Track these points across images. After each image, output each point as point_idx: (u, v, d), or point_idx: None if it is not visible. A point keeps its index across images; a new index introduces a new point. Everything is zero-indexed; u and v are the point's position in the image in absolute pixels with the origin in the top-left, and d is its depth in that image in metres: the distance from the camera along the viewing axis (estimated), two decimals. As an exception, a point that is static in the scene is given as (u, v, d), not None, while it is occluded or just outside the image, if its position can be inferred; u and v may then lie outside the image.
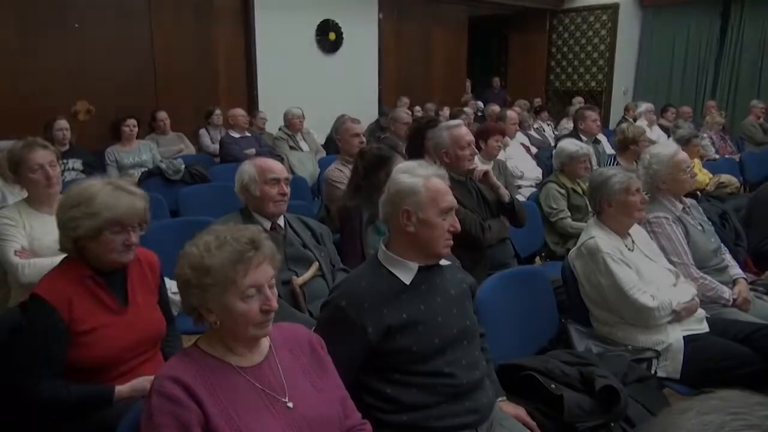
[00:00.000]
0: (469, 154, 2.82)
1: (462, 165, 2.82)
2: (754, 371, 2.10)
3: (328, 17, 7.54)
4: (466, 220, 2.67)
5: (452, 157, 2.83)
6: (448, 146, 2.83)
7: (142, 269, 1.80)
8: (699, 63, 9.31)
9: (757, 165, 5.56)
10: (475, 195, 2.92)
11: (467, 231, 2.66)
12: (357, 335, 1.56)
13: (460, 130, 2.85)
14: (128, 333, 1.68)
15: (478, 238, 2.69)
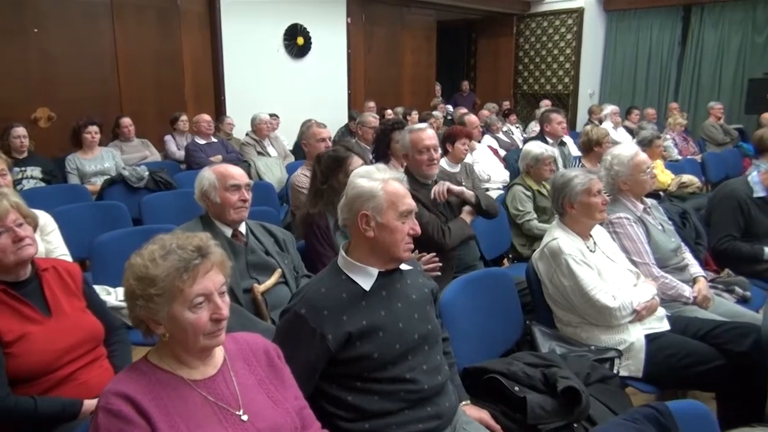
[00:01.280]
0: (426, 159, 2.78)
1: (419, 169, 2.81)
2: (714, 368, 2.13)
3: (296, 22, 7.51)
4: (429, 224, 2.66)
5: (411, 160, 2.83)
6: (408, 149, 2.83)
7: (60, 277, 1.80)
8: (662, 66, 9.52)
9: (717, 165, 5.69)
10: None
11: (430, 235, 2.65)
12: (316, 343, 1.54)
13: (419, 134, 2.81)
14: (57, 340, 1.69)
15: (440, 243, 2.68)
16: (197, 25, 6.75)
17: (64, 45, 5.67)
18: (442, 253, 2.71)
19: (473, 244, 2.93)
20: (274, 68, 7.31)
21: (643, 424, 1.28)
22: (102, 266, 2.72)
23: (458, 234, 2.74)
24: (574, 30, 9.71)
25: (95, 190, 4.31)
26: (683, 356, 2.16)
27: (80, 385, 1.71)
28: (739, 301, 2.79)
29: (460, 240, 2.72)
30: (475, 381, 1.93)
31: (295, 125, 6.28)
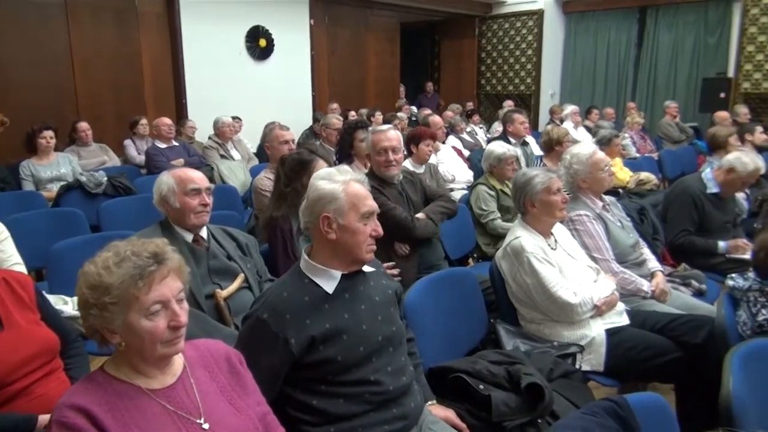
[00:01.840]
0: (383, 160, 2.81)
1: (379, 170, 2.84)
2: (671, 360, 2.19)
3: (258, 24, 7.44)
4: (396, 209, 2.69)
5: (372, 160, 2.88)
6: (371, 149, 2.87)
7: (11, 289, 1.75)
8: (619, 66, 9.76)
9: (673, 162, 5.85)
10: (404, 197, 2.92)
11: (399, 220, 2.67)
12: (279, 348, 1.52)
13: (379, 135, 2.85)
14: (10, 353, 1.64)
15: (408, 228, 2.70)
16: (156, 27, 6.63)
17: (16, 47, 5.50)
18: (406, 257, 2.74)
19: (437, 243, 2.95)
20: (236, 70, 7.23)
21: (602, 417, 1.30)
22: (58, 275, 2.64)
23: (424, 225, 2.77)
24: (534, 32, 9.88)
25: (51, 196, 4.18)
26: (642, 349, 2.21)
27: (36, 399, 1.66)
28: (695, 294, 2.87)
29: (427, 231, 2.75)
30: (440, 380, 1.93)
31: (258, 128, 6.20)
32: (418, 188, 3.05)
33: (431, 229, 2.83)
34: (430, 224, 2.83)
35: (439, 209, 2.94)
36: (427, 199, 3.03)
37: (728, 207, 3.41)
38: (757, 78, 7.97)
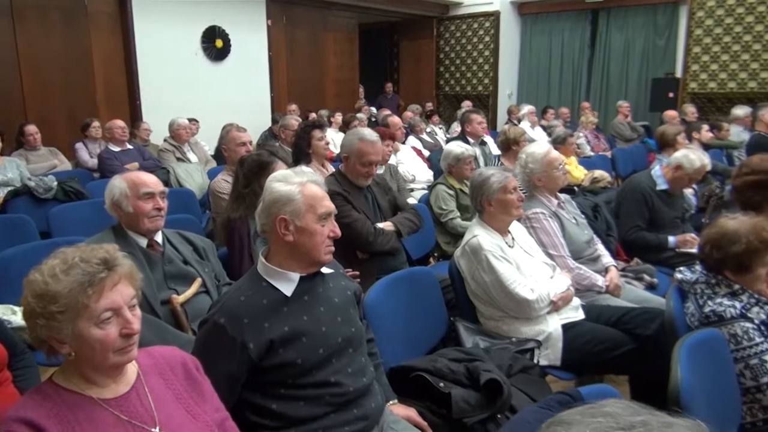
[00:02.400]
0: (365, 171, 2.79)
1: (356, 178, 2.81)
2: (625, 352, 2.26)
3: (215, 24, 7.33)
4: (358, 222, 2.68)
5: (351, 166, 2.80)
6: (352, 154, 2.78)
7: None
8: (574, 67, 10.00)
9: (626, 160, 6.03)
10: (371, 201, 2.92)
11: (358, 234, 2.66)
12: (237, 352, 1.50)
13: (368, 146, 2.75)
14: None
15: (369, 241, 2.70)
16: (108, 27, 6.45)
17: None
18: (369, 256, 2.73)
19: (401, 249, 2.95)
20: (192, 71, 7.11)
21: (557, 410, 1.32)
22: (6, 284, 2.53)
23: (386, 241, 2.75)
24: (491, 33, 10.03)
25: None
26: (597, 343, 2.27)
27: (-18, 414, 1.59)
28: (647, 287, 2.97)
29: (386, 247, 2.74)
30: (401, 380, 1.95)
31: (216, 130, 6.12)
32: (386, 193, 3.05)
33: (393, 244, 2.79)
34: (393, 238, 2.79)
35: (408, 222, 2.92)
36: (396, 207, 3.03)
37: (677, 203, 3.53)
38: (704, 78, 8.28)
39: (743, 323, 1.79)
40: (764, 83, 7.81)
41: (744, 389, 1.79)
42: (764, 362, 1.75)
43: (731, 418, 1.76)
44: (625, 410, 0.48)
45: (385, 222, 2.84)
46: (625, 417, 0.48)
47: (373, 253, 2.74)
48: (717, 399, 1.68)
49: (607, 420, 0.47)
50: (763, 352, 1.76)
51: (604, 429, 0.46)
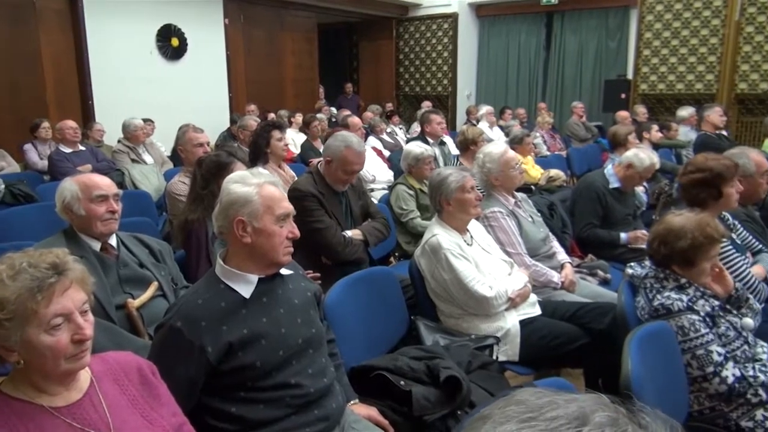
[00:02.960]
0: (345, 179, 2.78)
1: (334, 183, 2.79)
2: (580, 346, 2.33)
3: (170, 22, 7.19)
4: (329, 229, 2.66)
5: (332, 171, 2.77)
6: (336, 159, 2.74)
7: None
8: (530, 68, 10.20)
9: (580, 159, 6.19)
10: (345, 205, 2.91)
11: (329, 242, 2.65)
12: (195, 356, 1.49)
13: (353, 154, 2.71)
14: None
15: (338, 251, 2.69)
16: (58, 24, 6.26)
17: None
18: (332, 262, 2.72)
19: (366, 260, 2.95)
20: (147, 70, 6.96)
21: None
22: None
23: (354, 251, 2.75)
24: (450, 34, 10.13)
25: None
26: (553, 338, 2.33)
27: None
28: (600, 283, 3.06)
29: (354, 257, 2.74)
30: (362, 379, 1.95)
31: (172, 130, 5.96)
32: (360, 197, 3.03)
33: (359, 254, 2.78)
34: (361, 248, 2.79)
35: (376, 232, 2.92)
36: (367, 213, 3.03)
37: (629, 200, 3.65)
38: (653, 80, 8.57)
39: (690, 315, 1.87)
40: (710, 85, 8.13)
41: (691, 379, 1.87)
42: (710, 353, 1.83)
43: (679, 407, 1.84)
44: (533, 395, 0.51)
45: (354, 230, 2.84)
46: (533, 401, 0.51)
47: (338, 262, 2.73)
48: (666, 389, 1.75)
49: (518, 407, 0.50)
50: (708, 343, 1.84)
51: (515, 415, 0.49)
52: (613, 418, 0.49)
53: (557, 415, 0.48)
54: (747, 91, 7.87)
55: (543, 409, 0.50)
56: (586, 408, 0.49)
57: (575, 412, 0.49)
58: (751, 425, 1.83)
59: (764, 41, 7.64)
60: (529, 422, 0.48)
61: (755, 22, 7.67)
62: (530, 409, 0.50)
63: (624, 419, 0.49)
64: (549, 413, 0.49)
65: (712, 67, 8.08)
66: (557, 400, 0.50)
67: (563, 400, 0.50)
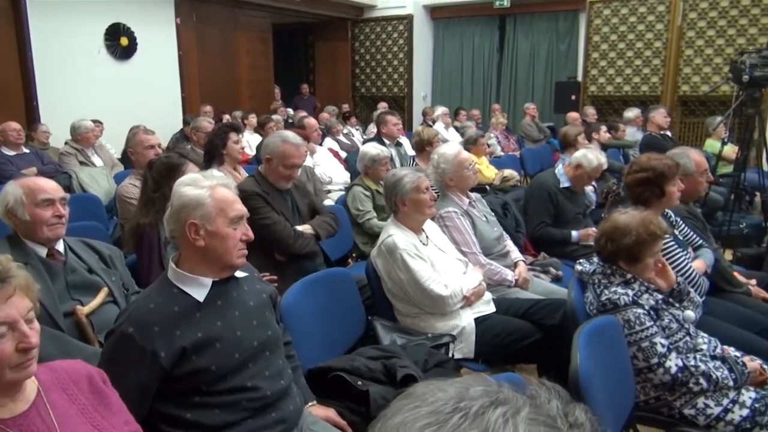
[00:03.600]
0: (287, 174, 2.79)
1: (278, 180, 2.79)
2: (533, 342, 2.39)
3: (119, 21, 7.00)
4: (278, 224, 2.66)
5: (273, 168, 2.77)
6: (275, 156, 2.75)
7: None
8: (484, 70, 10.37)
9: (533, 160, 6.34)
10: (291, 203, 2.90)
11: (278, 235, 2.65)
12: (147, 362, 1.46)
13: (293, 149, 2.75)
14: None
15: (289, 244, 2.69)
16: (-2, 22, 6.01)
17: None
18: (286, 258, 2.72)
19: (318, 251, 2.95)
20: (95, 70, 6.76)
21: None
22: None
23: (305, 244, 2.75)
24: (405, 36, 10.20)
25: None
26: (507, 334, 2.39)
27: None
28: (553, 280, 3.14)
29: (305, 250, 2.74)
30: (320, 381, 1.96)
31: (123, 132, 5.82)
32: (305, 196, 3.04)
33: (311, 247, 2.80)
34: (312, 241, 2.81)
35: (326, 225, 2.93)
36: (314, 210, 3.03)
37: (579, 199, 3.76)
38: (602, 82, 8.84)
39: (635, 309, 1.95)
40: (655, 87, 8.44)
41: (637, 370, 1.95)
42: (654, 344, 1.91)
43: (626, 397, 1.91)
44: (420, 387, 0.55)
45: (304, 225, 2.84)
46: (419, 392, 0.54)
47: (291, 256, 2.73)
48: (613, 380, 1.82)
49: (407, 400, 0.53)
50: (653, 335, 1.92)
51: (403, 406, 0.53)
52: (488, 390, 0.52)
53: (439, 398, 0.52)
54: (689, 93, 8.21)
55: (426, 395, 0.53)
56: (465, 385, 0.53)
57: (454, 391, 0.52)
58: (693, 413, 1.92)
59: (704, 45, 7.99)
60: (415, 410, 0.51)
61: (696, 27, 8.01)
62: (416, 398, 0.53)
63: (498, 387, 0.53)
64: (431, 397, 0.52)
65: (656, 70, 8.40)
66: (441, 386, 0.54)
67: (447, 385, 0.53)
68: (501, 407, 0.50)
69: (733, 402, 1.90)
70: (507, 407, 0.50)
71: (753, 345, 2.24)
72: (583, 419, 0.52)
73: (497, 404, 0.50)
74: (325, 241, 3.08)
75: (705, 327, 2.21)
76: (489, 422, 0.49)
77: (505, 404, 0.50)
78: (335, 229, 2.98)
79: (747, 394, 1.92)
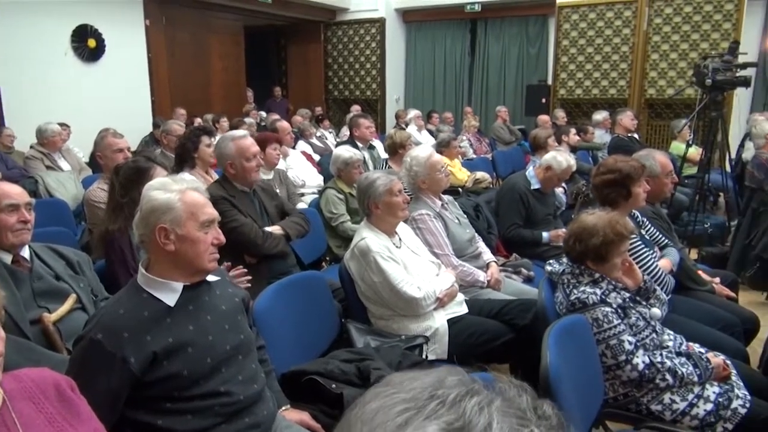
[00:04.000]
0: (255, 165, 2.81)
1: (248, 177, 2.79)
2: (506, 342, 2.42)
3: (86, 22, 6.88)
4: (246, 226, 2.65)
5: (238, 168, 2.78)
6: (234, 157, 2.78)
7: None
8: (456, 73, 10.46)
9: (505, 162, 6.41)
10: (258, 206, 2.90)
11: (246, 238, 2.64)
12: (117, 368, 1.44)
13: (245, 141, 2.83)
14: None
15: (258, 244, 2.68)
16: (-40, 23, 5.85)
17: None
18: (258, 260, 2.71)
19: (289, 252, 2.95)
20: (62, 73, 6.63)
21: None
22: None
23: (274, 244, 2.75)
24: (377, 39, 10.23)
25: None
26: (480, 335, 2.41)
27: None
28: (525, 280, 3.19)
29: (275, 250, 2.73)
30: (294, 384, 1.95)
31: (91, 135, 5.71)
32: (273, 198, 3.03)
33: (282, 247, 2.80)
34: (282, 241, 2.81)
35: (296, 225, 2.93)
36: (283, 212, 3.03)
37: (549, 201, 3.83)
38: (571, 85, 8.98)
39: (603, 308, 1.99)
40: (622, 90, 8.61)
41: (606, 367, 1.99)
42: (622, 342, 1.96)
43: (596, 394, 1.95)
44: (398, 376, 0.57)
45: (273, 226, 2.83)
46: (397, 379, 0.56)
47: (262, 257, 2.72)
48: (583, 378, 1.86)
49: (384, 387, 0.55)
50: (620, 333, 1.97)
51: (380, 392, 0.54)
52: (463, 380, 0.54)
53: (416, 386, 0.53)
54: (655, 96, 8.40)
55: (404, 383, 0.55)
56: (441, 376, 0.55)
57: (431, 380, 0.54)
58: (660, 408, 1.96)
59: (669, 50, 8.19)
60: (392, 395, 0.53)
61: (661, 32, 8.20)
62: (394, 386, 0.55)
63: (472, 380, 0.55)
64: (409, 385, 0.54)
65: (624, 74, 8.57)
66: (418, 375, 0.56)
67: (423, 375, 0.55)
68: (476, 397, 0.52)
69: (698, 397, 1.96)
70: (482, 397, 0.52)
71: (716, 341, 2.31)
72: (550, 413, 0.55)
73: (473, 394, 0.53)
74: (299, 245, 3.08)
75: (671, 324, 2.27)
76: (465, 409, 0.51)
77: (479, 394, 0.53)
78: (306, 229, 2.98)
79: (711, 389, 1.98)
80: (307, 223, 3.02)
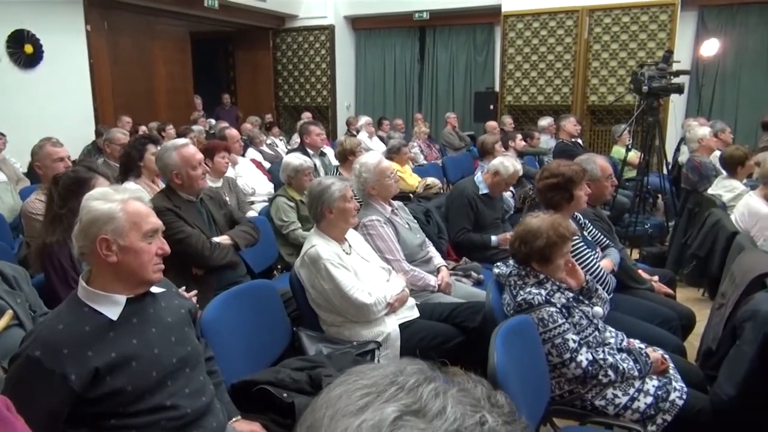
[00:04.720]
0: (201, 172, 2.76)
1: (195, 185, 2.74)
2: (457, 344, 2.46)
3: (22, 27, 6.61)
4: (192, 237, 2.60)
5: (184, 177, 2.72)
6: (179, 167, 2.71)
7: None
8: (406, 80, 10.57)
9: (455, 167, 6.52)
10: (206, 215, 2.84)
11: (193, 250, 2.59)
12: (56, 386, 1.39)
13: (189, 149, 2.77)
14: None
15: (205, 256, 2.63)
16: None
17: None
18: (205, 271, 2.66)
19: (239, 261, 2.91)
20: (-3, 80, 6.35)
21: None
22: None
23: (223, 255, 2.70)
24: (327, 46, 10.23)
25: None
26: (431, 338, 2.45)
27: None
28: (475, 283, 3.24)
29: (224, 261, 2.69)
30: (245, 395, 1.93)
31: (29, 144, 5.47)
32: (221, 207, 2.98)
33: (230, 257, 2.76)
34: (231, 252, 2.76)
35: (245, 235, 2.89)
36: (232, 221, 2.98)
37: (497, 205, 3.91)
38: (517, 92, 9.22)
39: (548, 308, 2.05)
40: (566, 97, 8.90)
41: (552, 366, 2.05)
42: (566, 341, 2.02)
43: (542, 392, 2.00)
44: (363, 367, 0.61)
45: (221, 236, 2.79)
46: (359, 369, 0.60)
47: (210, 268, 2.68)
48: (529, 376, 1.91)
49: (348, 376, 0.59)
50: (565, 332, 2.03)
51: (344, 380, 0.59)
52: (422, 369, 0.59)
53: (377, 374, 0.58)
54: (597, 102, 8.71)
55: (366, 372, 0.59)
56: (401, 366, 0.59)
57: (392, 369, 0.58)
58: (604, 403, 2.04)
59: (609, 58, 8.51)
60: (355, 382, 0.57)
61: (601, 40, 8.52)
62: (356, 374, 0.59)
63: (431, 371, 0.59)
64: (371, 373, 0.58)
65: (567, 81, 8.85)
66: (379, 366, 0.60)
67: (385, 366, 0.60)
68: (433, 383, 0.56)
69: (639, 391, 2.04)
70: (438, 384, 0.56)
71: (655, 336, 2.42)
72: (503, 402, 0.59)
73: (430, 380, 0.56)
74: (249, 254, 3.04)
75: (612, 322, 2.36)
76: (422, 394, 0.54)
77: (436, 381, 0.56)
78: (255, 238, 2.95)
79: (650, 382, 2.07)
80: (257, 231, 2.98)
